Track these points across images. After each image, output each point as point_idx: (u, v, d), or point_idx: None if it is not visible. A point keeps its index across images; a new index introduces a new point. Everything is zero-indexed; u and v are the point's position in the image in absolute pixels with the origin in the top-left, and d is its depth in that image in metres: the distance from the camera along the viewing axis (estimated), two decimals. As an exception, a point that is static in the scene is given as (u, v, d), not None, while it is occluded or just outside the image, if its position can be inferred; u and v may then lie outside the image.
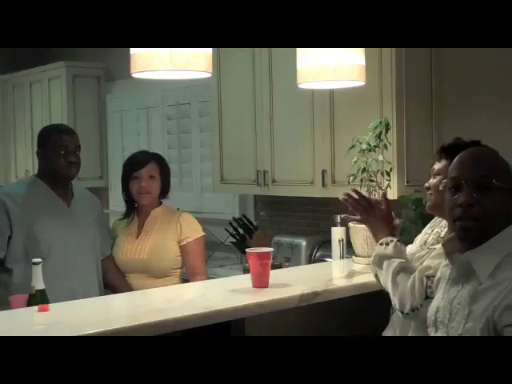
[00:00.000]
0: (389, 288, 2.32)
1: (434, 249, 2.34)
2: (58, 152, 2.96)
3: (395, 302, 2.29)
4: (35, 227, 2.91)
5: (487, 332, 1.69)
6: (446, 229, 2.39)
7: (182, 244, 3.11)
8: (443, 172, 2.37)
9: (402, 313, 2.26)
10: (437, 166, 2.42)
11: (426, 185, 2.48)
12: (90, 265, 3.05)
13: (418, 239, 2.61)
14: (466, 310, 1.75)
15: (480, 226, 1.76)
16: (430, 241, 2.44)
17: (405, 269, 2.31)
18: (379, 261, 2.37)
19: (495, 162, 1.81)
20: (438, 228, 2.46)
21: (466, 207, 1.75)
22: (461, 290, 1.80)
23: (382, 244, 2.39)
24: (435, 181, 2.41)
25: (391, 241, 2.39)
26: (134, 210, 3.20)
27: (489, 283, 1.72)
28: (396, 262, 2.33)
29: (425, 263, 2.27)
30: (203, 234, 3.19)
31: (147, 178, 3.11)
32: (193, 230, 3.14)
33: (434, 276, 2.15)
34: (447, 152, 2.37)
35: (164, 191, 3.20)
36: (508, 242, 1.75)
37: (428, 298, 2.16)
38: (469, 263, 1.77)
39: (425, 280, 2.20)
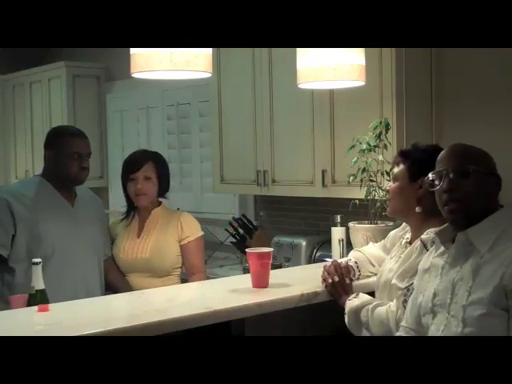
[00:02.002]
0: (372, 330, 2.30)
1: (400, 257, 2.35)
2: (71, 157, 2.94)
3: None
4: (39, 227, 2.90)
5: (497, 299, 1.80)
6: (410, 234, 2.42)
7: (182, 243, 3.13)
8: (401, 177, 2.39)
9: None
10: (395, 169, 2.43)
11: (387, 188, 2.49)
12: (92, 265, 3.05)
13: (390, 239, 2.64)
14: (469, 282, 1.87)
15: (463, 207, 1.94)
16: (401, 247, 2.43)
17: (378, 305, 2.31)
18: (354, 314, 2.35)
19: (471, 151, 2.00)
20: (407, 234, 2.47)
21: (449, 192, 1.94)
22: (460, 269, 1.92)
23: (350, 300, 2.39)
24: (394, 186, 2.42)
25: (356, 294, 2.41)
26: (134, 209, 3.21)
27: (489, 256, 1.87)
28: (368, 306, 2.32)
29: (398, 284, 2.25)
30: (203, 233, 3.20)
31: (143, 179, 3.11)
32: (193, 230, 3.16)
33: None
34: (405, 157, 2.39)
35: (162, 191, 3.20)
36: (503, 220, 1.93)
37: None
38: (468, 239, 1.92)
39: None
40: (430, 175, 2.00)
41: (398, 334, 2.14)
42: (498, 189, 1.99)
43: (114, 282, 3.14)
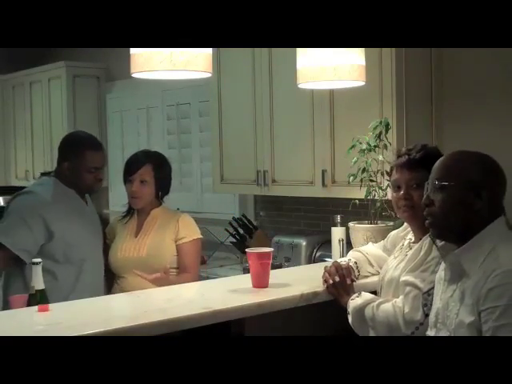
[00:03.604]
0: (378, 327, 2.28)
1: (406, 255, 2.35)
2: (89, 171, 2.99)
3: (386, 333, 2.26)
4: (71, 233, 2.97)
5: (478, 324, 1.79)
6: (413, 235, 2.42)
7: (177, 243, 3.12)
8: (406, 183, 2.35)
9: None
10: (416, 174, 2.33)
11: (404, 195, 2.38)
12: (102, 261, 3.14)
13: (390, 239, 2.64)
14: (457, 305, 1.87)
15: (437, 222, 1.93)
16: (405, 246, 2.43)
17: (382, 302, 2.30)
18: (358, 313, 2.33)
19: (453, 163, 1.94)
20: (410, 234, 2.47)
21: (424, 207, 1.96)
22: (456, 289, 1.90)
23: (352, 299, 2.38)
24: (419, 194, 2.37)
25: (359, 293, 2.40)
26: (134, 209, 3.21)
27: (475, 278, 1.84)
28: (372, 304, 2.31)
29: (408, 279, 2.24)
30: (200, 236, 3.18)
31: (138, 182, 3.11)
32: (190, 231, 3.15)
33: (426, 292, 2.17)
34: (427, 161, 2.32)
35: (163, 192, 3.19)
36: (492, 238, 1.87)
37: (427, 315, 2.14)
38: (458, 262, 1.90)
39: (419, 299, 2.18)
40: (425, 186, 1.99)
41: None
42: (483, 202, 1.88)
43: None
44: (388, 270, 2.42)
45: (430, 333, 2.00)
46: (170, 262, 3.11)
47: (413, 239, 2.41)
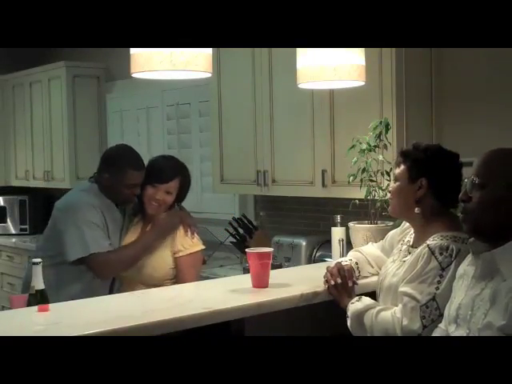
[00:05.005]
0: (376, 335, 2.26)
1: (404, 261, 2.34)
2: (127, 187, 3.03)
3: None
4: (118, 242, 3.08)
5: (509, 330, 1.77)
6: (414, 235, 2.41)
7: (176, 256, 3.04)
8: (401, 177, 2.38)
9: None
10: (397, 170, 2.42)
11: (390, 188, 2.49)
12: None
13: (388, 240, 2.64)
14: (487, 305, 1.85)
15: (470, 218, 1.93)
16: (403, 250, 2.42)
17: (382, 310, 2.29)
18: (358, 318, 2.32)
19: (496, 163, 1.92)
20: (408, 236, 2.46)
21: (461, 202, 1.96)
22: (485, 288, 1.88)
23: (353, 303, 2.37)
24: (394, 186, 2.42)
25: (359, 297, 2.39)
26: (143, 212, 3.14)
27: (511, 281, 1.81)
28: (371, 310, 2.29)
29: (407, 291, 2.22)
30: (201, 248, 3.11)
31: (164, 192, 3.04)
32: (189, 245, 3.06)
33: (424, 304, 2.16)
34: (405, 157, 2.38)
35: (177, 201, 3.15)
36: None
37: (426, 327, 2.14)
38: (494, 261, 1.87)
39: (417, 311, 2.16)
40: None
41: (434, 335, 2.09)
42: None
43: None
44: (386, 275, 2.41)
45: (450, 328, 1.97)
46: (166, 274, 3.05)
47: (411, 242, 2.41)
